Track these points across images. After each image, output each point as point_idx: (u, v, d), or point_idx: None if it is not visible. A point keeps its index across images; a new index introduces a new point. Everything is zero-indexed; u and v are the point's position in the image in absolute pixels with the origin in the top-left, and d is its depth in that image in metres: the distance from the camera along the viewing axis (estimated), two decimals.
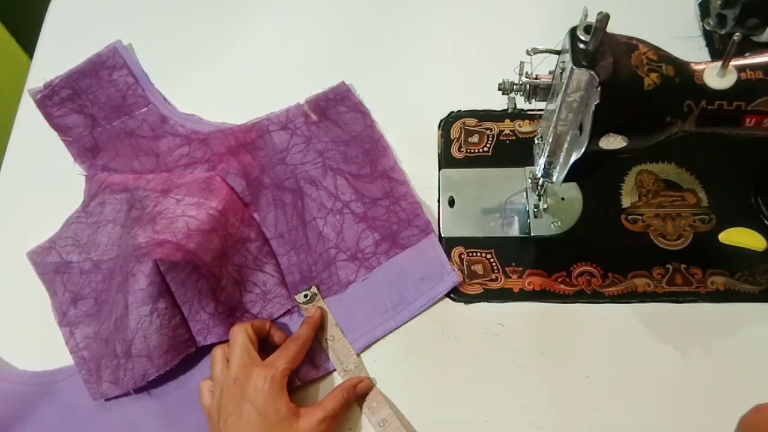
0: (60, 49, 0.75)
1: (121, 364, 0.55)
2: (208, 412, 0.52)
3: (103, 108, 0.70)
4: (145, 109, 0.70)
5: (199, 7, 0.77)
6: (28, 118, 0.71)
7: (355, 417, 0.54)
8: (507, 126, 0.66)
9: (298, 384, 0.55)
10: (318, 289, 0.59)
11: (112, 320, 0.56)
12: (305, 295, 0.59)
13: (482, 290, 0.59)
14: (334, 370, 0.57)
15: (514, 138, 0.66)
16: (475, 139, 0.66)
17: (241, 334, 0.53)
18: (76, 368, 0.58)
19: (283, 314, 0.59)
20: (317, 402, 0.53)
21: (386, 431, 0.52)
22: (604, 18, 0.39)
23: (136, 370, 0.54)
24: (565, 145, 0.48)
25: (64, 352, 0.59)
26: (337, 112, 0.67)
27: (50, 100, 0.70)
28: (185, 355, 0.56)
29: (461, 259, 0.60)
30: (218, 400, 0.51)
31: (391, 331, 0.58)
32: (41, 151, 0.70)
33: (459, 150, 0.65)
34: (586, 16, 0.43)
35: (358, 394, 0.54)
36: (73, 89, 0.71)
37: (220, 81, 0.72)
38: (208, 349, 0.57)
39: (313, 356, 0.56)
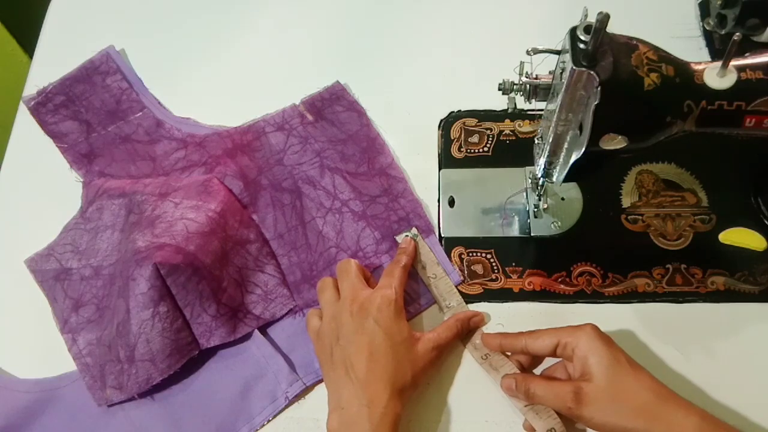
0: (61, 50, 0.75)
1: (124, 369, 0.55)
2: (316, 335, 0.54)
3: (97, 113, 0.70)
4: (140, 113, 0.70)
5: (193, 10, 0.77)
6: (27, 121, 0.70)
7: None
8: (507, 126, 0.66)
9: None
10: (418, 230, 0.60)
11: (114, 325, 0.56)
12: (406, 236, 0.60)
13: (482, 290, 0.59)
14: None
15: (514, 138, 0.66)
16: (475, 139, 0.66)
17: (351, 263, 0.55)
18: (80, 375, 0.58)
19: (286, 314, 0.59)
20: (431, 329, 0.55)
21: (489, 362, 0.54)
22: (604, 18, 0.39)
23: (140, 375, 0.54)
24: (565, 145, 0.48)
25: (66, 358, 0.59)
26: (332, 112, 0.68)
27: (44, 107, 0.70)
28: (188, 358, 0.56)
29: (461, 259, 0.60)
30: (330, 320, 0.53)
31: None
32: (38, 157, 0.69)
33: (459, 150, 0.65)
34: (586, 16, 0.43)
35: (471, 328, 0.56)
36: (67, 95, 0.71)
37: (215, 83, 0.72)
38: (211, 352, 0.57)
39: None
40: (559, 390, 0.48)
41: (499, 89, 0.50)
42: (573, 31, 0.42)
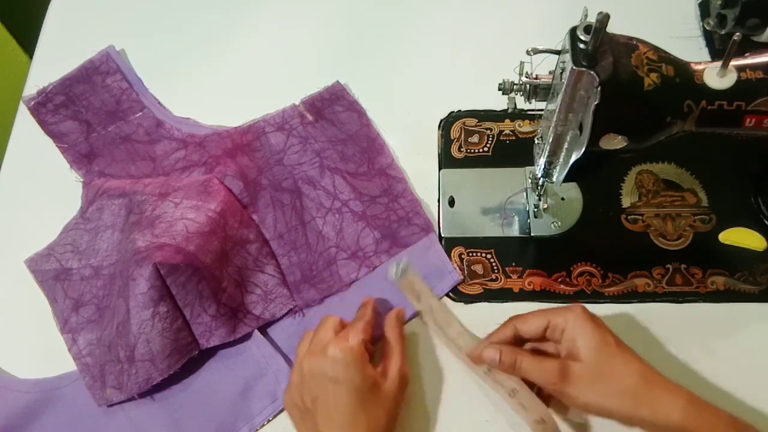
0: (61, 50, 0.75)
1: (124, 369, 0.55)
2: (286, 395, 0.52)
3: (97, 113, 0.70)
4: (140, 113, 0.70)
5: (193, 10, 0.77)
6: (27, 121, 0.70)
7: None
8: (507, 126, 0.66)
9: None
10: (408, 264, 0.56)
11: (114, 325, 0.56)
12: (394, 272, 0.56)
13: (482, 290, 0.59)
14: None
15: (514, 138, 0.66)
16: (475, 139, 0.66)
17: (331, 318, 0.53)
18: (80, 375, 0.58)
19: (286, 314, 0.59)
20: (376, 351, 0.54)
21: (493, 377, 0.52)
22: (604, 18, 0.39)
23: (140, 375, 0.54)
24: (565, 145, 0.48)
25: (66, 358, 0.59)
26: (332, 112, 0.68)
27: (44, 107, 0.70)
28: (188, 358, 0.56)
29: (461, 259, 0.60)
30: (296, 377, 0.50)
31: None
32: (38, 157, 0.69)
33: (459, 150, 0.65)
34: (586, 16, 0.43)
35: (404, 322, 0.56)
36: (67, 95, 0.71)
37: (215, 84, 0.72)
38: (211, 352, 0.57)
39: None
40: (546, 365, 0.47)
41: (499, 89, 0.50)
42: (573, 31, 0.42)
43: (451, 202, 0.63)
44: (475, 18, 0.73)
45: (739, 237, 0.59)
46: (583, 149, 0.45)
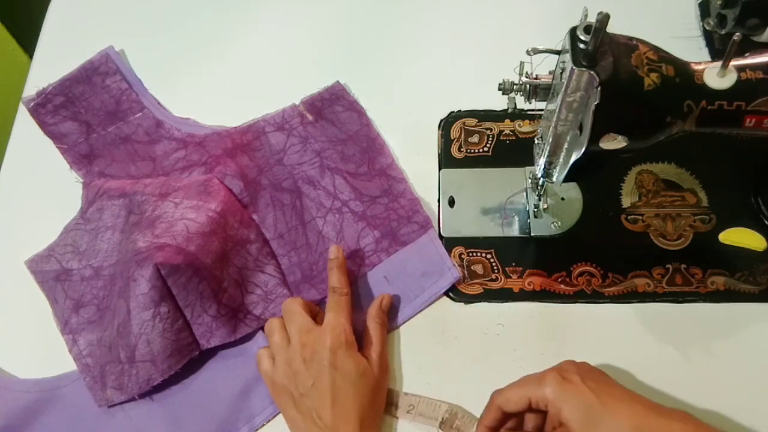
0: (61, 50, 0.75)
1: (125, 369, 0.55)
2: (270, 381, 0.53)
3: (97, 114, 0.70)
4: (140, 114, 0.70)
5: (193, 10, 0.77)
6: (27, 121, 0.70)
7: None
8: (507, 126, 0.66)
9: None
10: (451, 412, 0.54)
11: (115, 326, 0.56)
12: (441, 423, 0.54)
13: (482, 290, 0.59)
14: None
15: (514, 138, 0.66)
16: (475, 139, 0.66)
17: (295, 303, 0.55)
18: (81, 375, 0.58)
19: None
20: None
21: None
22: (604, 18, 0.39)
23: (141, 376, 0.54)
24: (565, 145, 0.48)
25: (66, 358, 0.59)
26: (332, 112, 0.68)
27: (44, 108, 0.70)
28: (189, 359, 0.56)
29: (461, 259, 0.60)
30: (285, 366, 0.52)
31: (393, 330, 0.58)
32: (38, 157, 0.69)
33: (459, 150, 0.65)
34: (586, 16, 0.43)
35: (386, 312, 0.57)
36: (67, 96, 0.71)
37: (215, 83, 0.72)
38: (211, 353, 0.57)
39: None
40: None
41: (499, 89, 0.49)
42: (573, 31, 0.42)
43: (451, 202, 0.63)
44: (475, 18, 0.73)
45: (739, 237, 0.59)
46: (583, 149, 0.45)
